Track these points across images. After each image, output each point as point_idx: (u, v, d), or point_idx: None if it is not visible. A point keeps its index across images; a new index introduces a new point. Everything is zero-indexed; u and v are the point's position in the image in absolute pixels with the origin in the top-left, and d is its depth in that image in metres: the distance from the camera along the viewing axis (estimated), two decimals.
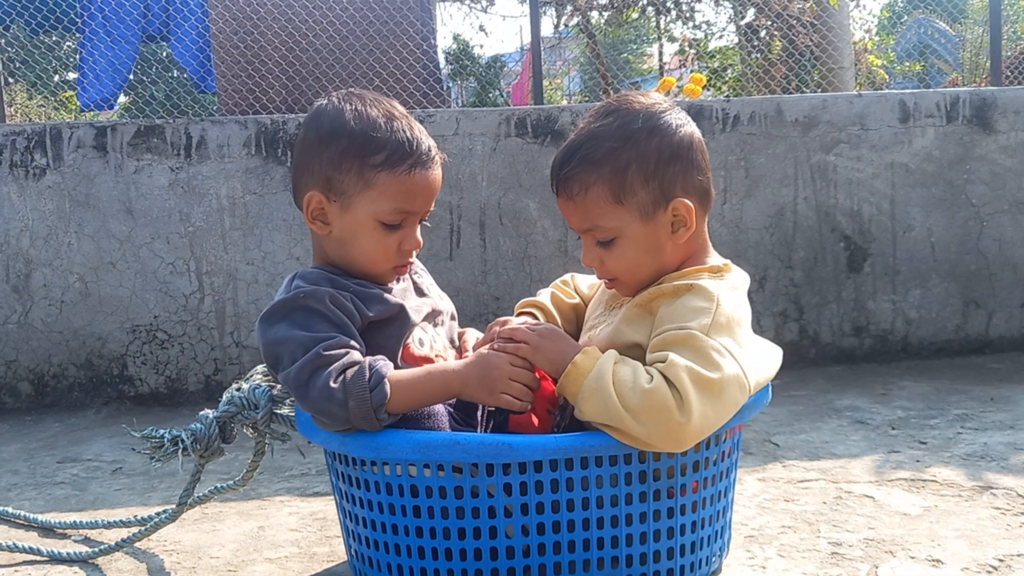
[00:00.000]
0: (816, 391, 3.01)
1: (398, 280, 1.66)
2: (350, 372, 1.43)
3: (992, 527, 1.78)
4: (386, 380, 1.43)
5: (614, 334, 1.53)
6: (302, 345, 1.47)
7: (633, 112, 1.52)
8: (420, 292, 1.70)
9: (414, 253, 1.62)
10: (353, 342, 1.49)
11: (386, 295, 1.59)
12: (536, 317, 1.73)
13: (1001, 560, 1.63)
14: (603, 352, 1.45)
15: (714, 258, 1.59)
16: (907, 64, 8.92)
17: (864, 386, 3.05)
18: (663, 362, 1.38)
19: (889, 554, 1.68)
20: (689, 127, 1.54)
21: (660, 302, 1.49)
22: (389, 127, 1.55)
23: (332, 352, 1.45)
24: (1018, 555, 1.65)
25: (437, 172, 1.60)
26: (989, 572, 1.59)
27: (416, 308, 1.63)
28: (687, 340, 1.40)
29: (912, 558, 1.66)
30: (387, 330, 1.57)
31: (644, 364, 1.42)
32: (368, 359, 1.46)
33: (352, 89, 1.62)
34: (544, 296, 1.79)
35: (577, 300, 1.79)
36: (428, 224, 1.68)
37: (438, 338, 1.67)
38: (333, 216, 1.57)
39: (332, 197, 1.56)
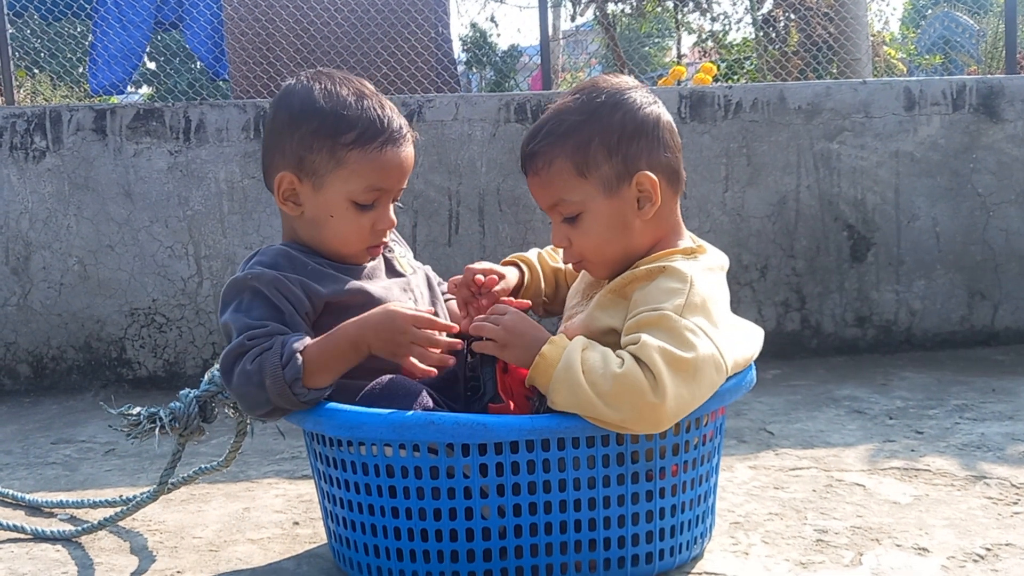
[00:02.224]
0: (816, 381, 2.98)
1: (371, 259, 1.64)
2: (266, 353, 1.43)
3: (982, 516, 1.75)
4: (297, 354, 1.42)
5: (588, 320, 1.51)
6: (237, 331, 1.48)
7: (598, 90, 1.53)
8: (392, 271, 1.68)
9: (388, 233, 1.61)
10: (287, 330, 1.48)
11: (349, 280, 1.57)
12: (520, 269, 1.73)
13: (988, 549, 1.60)
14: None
15: (687, 240, 1.58)
16: (927, 57, 8.83)
17: (865, 376, 3.01)
18: (636, 344, 1.37)
19: (875, 542, 1.65)
20: (656, 107, 1.55)
21: (635, 286, 1.48)
22: (359, 105, 1.55)
23: (256, 340, 1.45)
24: (1006, 544, 1.62)
25: (409, 150, 1.60)
26: (975, 561, 1.56)
27: (386, 288, 1.61)
28: (660, 321, 1.38)
29: (898, 546, 1.63)
30: (350, 314, 1.55)
31: (620, 349, 1.41)
32: (282, 338, 1.45)
33: (321, 69, 1.62)
34: (531, 254, 1.78)
35: (562, 266, 1.78)
36: (401, 205, 1.67)
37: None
38: (305, 197, 1.57)
39: (303, 177, 1.56)
